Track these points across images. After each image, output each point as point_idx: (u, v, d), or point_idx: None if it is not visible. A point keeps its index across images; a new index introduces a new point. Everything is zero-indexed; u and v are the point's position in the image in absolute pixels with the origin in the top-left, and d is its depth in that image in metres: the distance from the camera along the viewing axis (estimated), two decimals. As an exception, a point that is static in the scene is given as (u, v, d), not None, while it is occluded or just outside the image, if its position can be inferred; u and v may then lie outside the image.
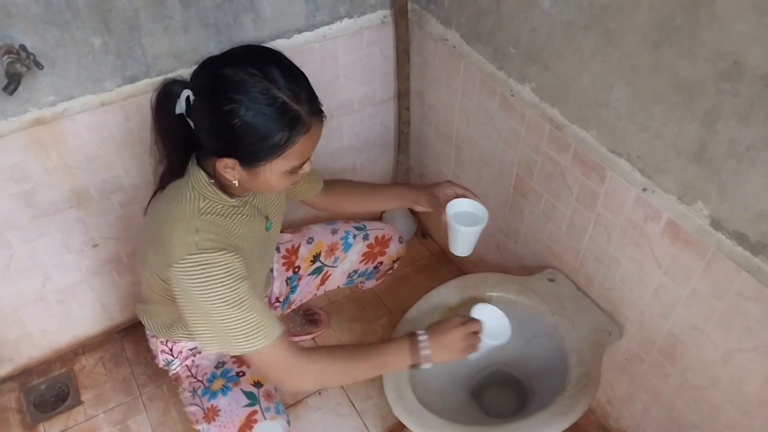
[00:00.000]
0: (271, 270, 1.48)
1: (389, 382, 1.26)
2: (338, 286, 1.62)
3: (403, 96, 1.76)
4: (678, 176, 1.09)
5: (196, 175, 1.06)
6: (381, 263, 1.58)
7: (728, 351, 1.12)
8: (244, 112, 0.91)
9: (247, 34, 1.45)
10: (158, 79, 1.39)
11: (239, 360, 1.32)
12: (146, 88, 1.39)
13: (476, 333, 1.17)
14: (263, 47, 1.00)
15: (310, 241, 1.51)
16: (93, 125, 1.37)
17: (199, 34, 1.39)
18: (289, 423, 1.28)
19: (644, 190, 1.16)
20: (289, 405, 1.67)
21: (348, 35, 1.60)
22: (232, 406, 1.23)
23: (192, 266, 1.00)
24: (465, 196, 1.29)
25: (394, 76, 1.77)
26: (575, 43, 1.18)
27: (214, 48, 1.43)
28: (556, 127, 1.30)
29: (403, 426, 1.23)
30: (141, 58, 1.35)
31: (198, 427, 1.24)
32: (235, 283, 1.02)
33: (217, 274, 1.00)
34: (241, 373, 1.29)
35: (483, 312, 1.24)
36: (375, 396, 1.69)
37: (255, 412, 1.22)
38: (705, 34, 0.94)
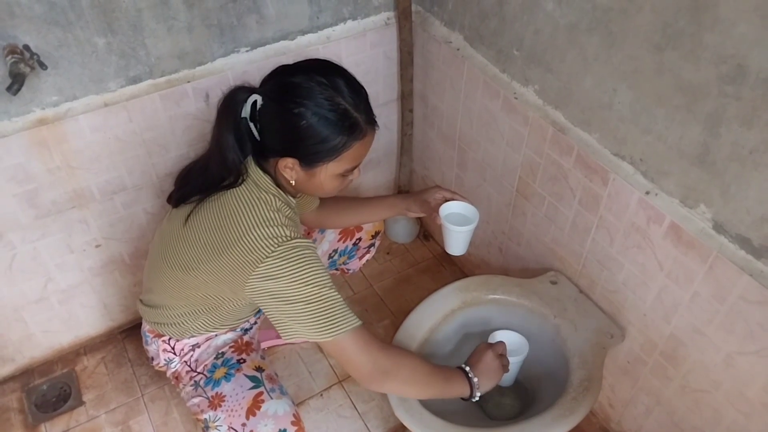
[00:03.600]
0: None
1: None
2: None
3: (406, 98, 1.77)
4: (681, 179, 1.09)
5: (263, 180, 1.13)
6: (360, 239, 1.60)
7: (730, 354, 1.12)
8: (310, 116, 1.02)
9: (251, 35, 1.46)
10: (162, 80, 1.40)
11: (238, 348, 1.33)
12: (149, 88, 1.39)
13: (503, 354, 1.26)
14: (330, 61, 1.09)
15: None
16: (96, 126, 1.38)
17: (203, 34, 1.39)
18: (293, 402, 1.30)
19: (647, 193, 1.16)
20: (290, 406, 1.67)
21: (351, 37, 1.60)
22: (236, 390, 1.25)
23: (286, 252, 1.04)
24: (454, 199, 1.32)
25: (397, 78, 1.77)
26: (578, 45, 1.18)
27: (218, 49, 1.43)
28: (558, 129, 1.30)
29: (404, 428, 1.24)
30: (144, 59, 1.35)
31: (204, 416, 1.24)
32: (322, 269, 1.07)
33: (309, 258, 1.06)
34: (242, 360, 1.31)
35: (500, 335, 1.35)
36: (377, 398, 1.69)
37: (261, 393, 1.24)
38: (708, 37, 0.94)
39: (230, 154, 1.11)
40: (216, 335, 1.34)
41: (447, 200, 1.33)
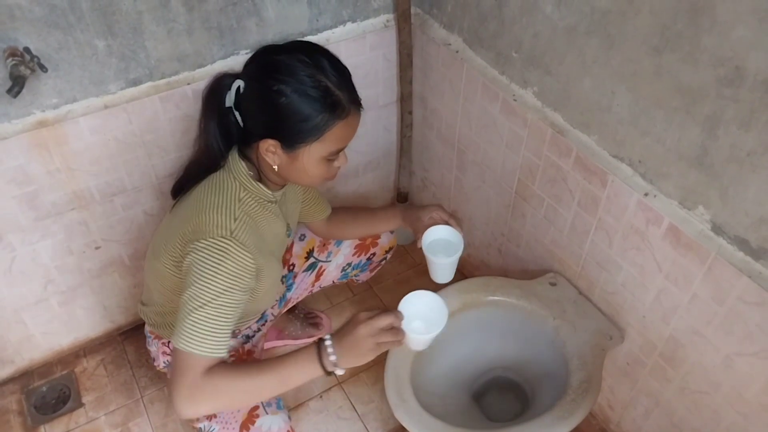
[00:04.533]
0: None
1: (391, 386, 1.26)
2: (333, 281, 1.62)
3: (405, 100, 1.77)
4: (679, 181, 1.09)
5: (237, 167, 1.11)
6: (374, 254, 1.59)
7: (729, 356, 1.12)
8: (290, 92, 0.99)
9: (251, 37, 1.46)
10: (161, 82, 1.40)
11: (239, 358, 1.33)
12: (149, 91, 1.39)
13: (391, 329, 1.02)
14: (313, 42, 1.07)
15: (302, 237, 1.53)
16: (96, 128, 1.38)
17: (203, 37, 1.39)
18: (289, 418, 1.29)
19: (646, 194, 1.16)
20: (290, 408, 1.67)
21: (351, 39, 1.60)
22: None
23: (215, 247, 1.02)
24: (449, 224, 1.29)
25: (396, 80, 1.77)
26: (577, 48, 1.18)
27: (218, 51, 1.43)
28: (557, 131, 1.31)
29: (404, 429, 1.23)
30: (144, 61, 1.36)
31: (199, 425, 1.24)
32: (235, 287, 1.03)
33: (228, 269, 1.02)
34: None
35: (416, 300, 1.10)
36: (376, 399, 1.69)
37: (256, 407, 1.22)
38: (706, 40, 0.94)
39: (213, 142, 1.11)
40: None
41: (442, 223, 1.29)
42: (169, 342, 1.31)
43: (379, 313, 1.02)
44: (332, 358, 1.01)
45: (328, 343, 1.02)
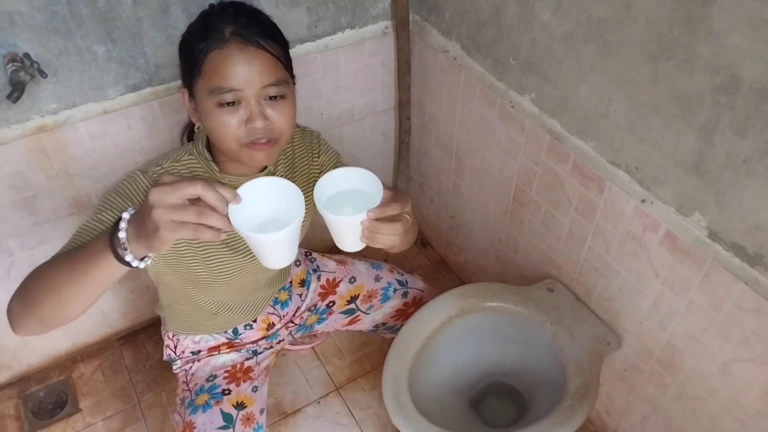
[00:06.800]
0: (304, 283, 1.45)
1: (388, 392, 1.26)
2: (361, 331, 1.59)
3: (403, 106, 1.78)
4: (676, 187, 1.10)
5: (198, 138, 1.07)
6: None
7: (726, 362, 1.13)
8: (188, 29, 0.98)
9: (249, 43, 1.46)
10: (161, 88, 1.41)
11: (232, 375, 1.31)
12: (149, 96, 1.40)
13: (195, 206, 0.73)
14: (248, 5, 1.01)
15: (352, 280, 1.48)
16: (95, 133, 1.38)
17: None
18: None
19: (643, 201, 1.17)
20: (287, 414, 1.67)
21: (350, 46, 1.61)
22: (206, 425, 1.21)
23: (126, 177, 1.01)
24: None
25: (395, 86, 1.78)
26: (574, 55, 1.19)
27: (217, 57, 1.44)
28: (555, 138, 1.31)
29: (401, 435, 1.24)
30: (144, 67, 1.36)
31: None
32: (107, 204, 0.98)
33: (121, 189, 1.00)
34: (226, 392, 1.27)
35: (254, 187, 0.80)
36: (374, 405, 1.69)
37: None
38: (702, 48, 0.95)
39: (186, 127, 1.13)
40: (219, 353, 1.34)
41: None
42: (173, 335, 1.32)
43: (186, 178, 0.75)
44: (120, 234, 0.77)
45: (125, 215, 0.78)
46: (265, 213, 0.81)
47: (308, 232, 1.31)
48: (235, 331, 1.34)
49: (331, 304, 1.48)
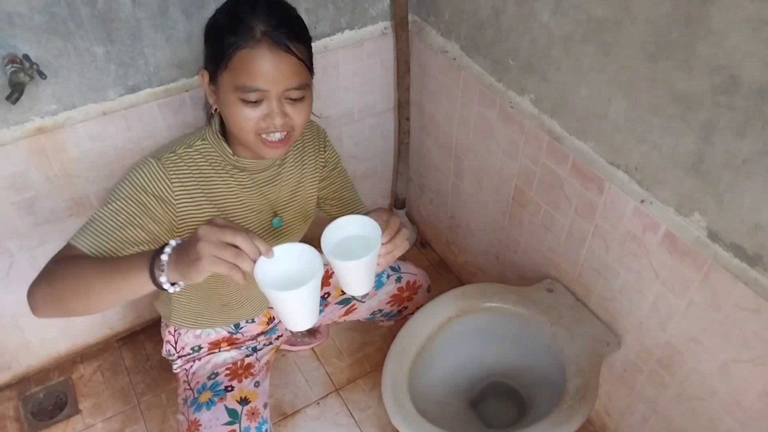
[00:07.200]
0: None
1: (388, 392, 1.26)
2: (359, 320, 1.60)
3: (403, 106, 1.78)
4: (675, 188, 1.10)
5: (211, 122, 1.10)
6: (406, 308, 1.57)
7: (726, 362, 1.13)
8: (217, 16, 0.99)
9: (249, 44, 1.46)
10: (160, 89, 1.41)
11: (233, 372, 1.32)
12: (148, 97, 1.40)
13: (236, 249, 0.82)
14: None
15: None
16: (95, 134, 1.38)
17: (201, 44, 1.40)
18: None
19: (642, 201, 1.17)
20: (287, 414, 1.67)
21: (349, 47, 1.61)
22: (212, 422, 1.21)
23: (139, 163, 1.02)
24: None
25: (394, 87, 1.78)
26: (573, 55, 1.19)
27: (216, 58, 1.44)
28: (554, 138, 1.31)
29: (401, 436, 1.23)
30: (143, 68, 1.36)
31: None
32: (135, 198, 0.99)
33: (136, 179, 1.00)
34: (229, 388, 1.28)
35: (286, 251, 0.87)
36: (374, 406, 1.69)
37: (233, 431, 1.21)
38: (701, 48, 0.95)
39: (206, 106, 1.13)
40: (219, 350, 1.34)
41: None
42: (174, 330, 1.32)
43: (235, 226, 0.84)
44: (162, 257, 0.85)
45: (171, 242, 0.87)
46: (288, 274, 0.87)
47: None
48: (237, 325, 1.34)
49: (326, 296, 1.49)
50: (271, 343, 1.43)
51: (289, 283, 0.85)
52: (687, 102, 1.01)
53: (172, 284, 0.86)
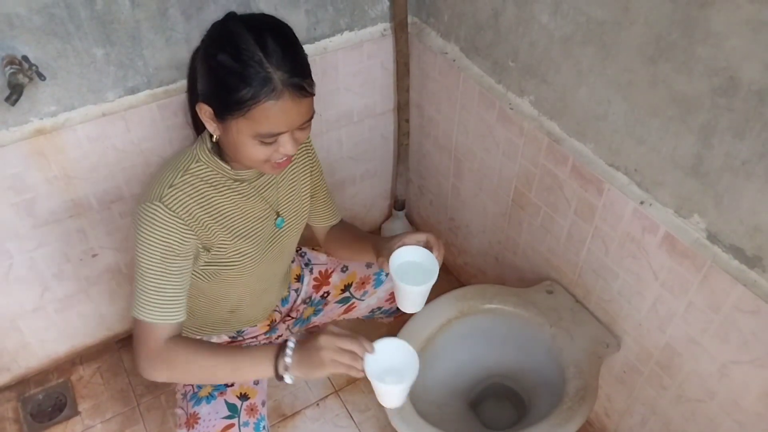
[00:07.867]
0: (299, 278, 1.47)
1: (387, 394, 1.26)
2: (359, 317, 1.60)
3: (402, 108, 1.78)
4: (675, 189, 1.10)
5: (202, 140, 1.09)
6: None
7: (725, 364, 1.13)
8: (223, 61, 0.95)
9: (248, 46, 1.46)
10: (159, 90, 1.41)
11: None
12: (147, 99, 1.40)
13: (352, 352, 1.00)
14: (276, 19, 1.01)
15: (344, 269, 1.49)
16: (94, 135, 1.38)
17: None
18: None
19: (641, 203, 1.17)
20: (287, 416, 1.67)
21: (348, 48, 1.61)
22: (211, 415, 1.22)
23: (143, 214, 1.02)
24: (428, 244, 1.16)
25: (393, 89, 1.78)
26: (573, 57, 1.19)
27: (215, 60, 1.44)
28: (554, 140, 1.31)
29: (400, 438, 1.23)
30: (142, 70, 1.36)
31: (179, 431, 1.24)
32: (169, 253, 1.03)
33: (158, 236, 1.02)
34: (229, 384, 1.28)
35: (386, 346, 1.04)
36: (373, 407, 1.69)
37: (232, 426, 1.21)
38: (700, 50, 0.95)
39: (188, 116, 1.13)
40: None
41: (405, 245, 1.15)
42: None
43: (349, 333, 1.02)
44: (287, 360, 1.02)
45: (290, 344, 1.03)
46: (387, 364, 1.03)
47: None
48: (240, 331, 1.35)
49: (325, 295, 1.49)
50: (271, 343, 1.43)
51: (389, 370, 1.02)
52: (686, 104, 1.01)
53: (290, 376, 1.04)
